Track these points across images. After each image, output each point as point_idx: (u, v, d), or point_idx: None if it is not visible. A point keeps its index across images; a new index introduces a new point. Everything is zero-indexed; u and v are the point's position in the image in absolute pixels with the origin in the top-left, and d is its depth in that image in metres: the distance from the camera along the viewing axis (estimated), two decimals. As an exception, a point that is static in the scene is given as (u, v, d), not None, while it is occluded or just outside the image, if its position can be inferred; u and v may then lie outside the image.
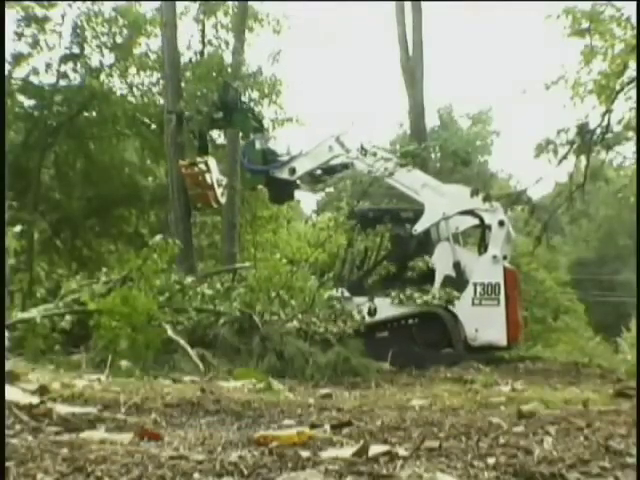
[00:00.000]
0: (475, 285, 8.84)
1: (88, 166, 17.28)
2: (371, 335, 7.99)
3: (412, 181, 9.47)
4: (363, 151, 9.75)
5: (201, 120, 10.79)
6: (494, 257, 8.95)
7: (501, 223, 9.17)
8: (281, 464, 1.67)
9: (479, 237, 9.79)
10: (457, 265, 9.01)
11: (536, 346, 16.30)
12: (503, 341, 8.78)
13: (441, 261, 9.10)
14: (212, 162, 10.49)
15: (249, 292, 7.31)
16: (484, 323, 8.69)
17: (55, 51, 16.88)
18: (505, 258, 9.22)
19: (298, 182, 10.23)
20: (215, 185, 10.36)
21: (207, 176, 10.28)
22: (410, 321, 8.44)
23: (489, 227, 9.27)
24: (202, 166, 10.28)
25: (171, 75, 12.95)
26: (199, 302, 7.03)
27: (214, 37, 18.53)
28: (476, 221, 9.52)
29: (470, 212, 9.38)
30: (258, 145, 10.32)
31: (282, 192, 10.64)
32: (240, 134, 12.69)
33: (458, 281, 8.94)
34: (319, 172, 10.20)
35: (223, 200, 10.97)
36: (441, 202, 9.24)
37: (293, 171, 9.91)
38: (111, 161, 17.49)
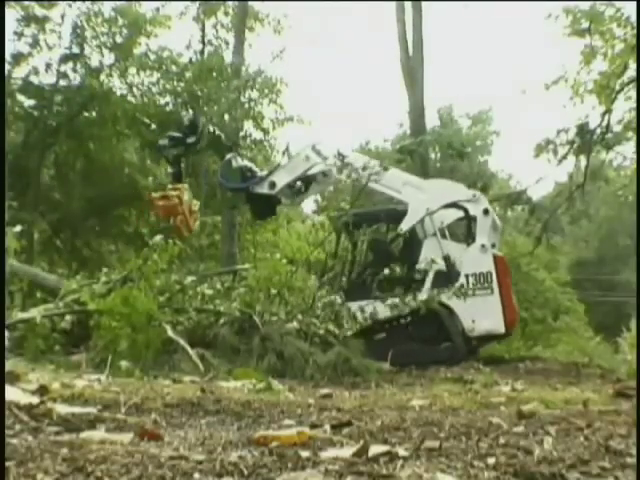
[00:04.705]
0: (467, 276, 8.82)
1: (88, 166, 17.28)
2: (369, 338, 7.94)
3: (392, 181, 9.42)
4: (340, 157, 9.70)
5: (176, 146, 10.26)
6: (482, 246, 8.93)
7: (486, 212, 9.16)
8: (281, 464, 1.66)
9: (466, 228, 9.70)
10: (447, 259, 8.97)
11: (536, 346, 16.31)
12: (501, 329, 8.78)
13: (430, 257, 9.04)
14: (185, 189, 10.13)
15: (249, 292, 7.29)
16: (480, 313, 8.65)
17: (55, 51, 16.93)
18: (494, 246, 9.21)
19: (279, 196, 10.15)
20: (187, 214, 10.04)
21: (179, 207, 9.93)
22: (406, 320, 8.41)
23: (474, 218, 9.23)
24: (175, 199, 9.86)
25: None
26: (199, 302, 7.02)
27: (214, 37, 18.58)
28: (460, 213, 9.45)
29: (453, 205, 9.32)
30: (234, 163, 10.20)
31: (264, 207, 10.55)
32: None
33: (450, 275, 8.92)
34: (299, 183, 10.04)
35: (196, 226, 10.61)
36: (423, 198, 9.19)
37: (273, 185, 9.82)
38: (111, 161, 17.48)
